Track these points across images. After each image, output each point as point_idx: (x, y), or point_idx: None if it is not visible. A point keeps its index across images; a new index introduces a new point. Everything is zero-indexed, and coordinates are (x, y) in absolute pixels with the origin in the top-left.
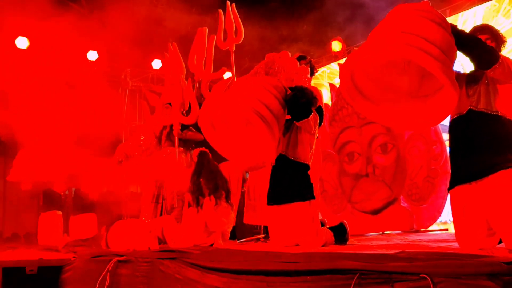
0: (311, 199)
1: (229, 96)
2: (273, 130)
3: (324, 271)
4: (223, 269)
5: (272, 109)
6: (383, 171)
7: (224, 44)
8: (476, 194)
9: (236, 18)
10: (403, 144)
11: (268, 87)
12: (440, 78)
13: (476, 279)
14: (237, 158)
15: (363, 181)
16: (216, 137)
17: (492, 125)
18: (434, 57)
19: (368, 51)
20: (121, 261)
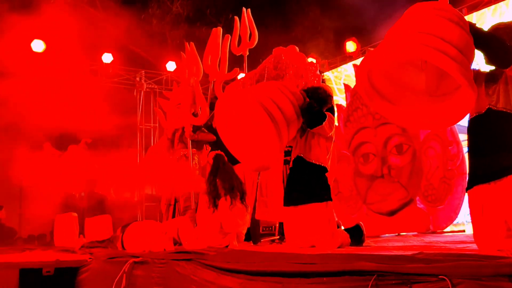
0: (328, 200)
1: (244, 93)
2: (280, 132)
3: (340, 272)
4: (238, 270)
5: (284, 112)
6: (398, 172)
7: (238, 49)
8: (495, 194)
9: (251, 24)
10: (419, 144)
11: (284, 91)
12: (457, 78)
13: (496, 281)
14: (245, 158)
15: (378, 182)
16: (228, 135)
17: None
18: (451, 57)
19: (385, 51)
20: (137, 262)
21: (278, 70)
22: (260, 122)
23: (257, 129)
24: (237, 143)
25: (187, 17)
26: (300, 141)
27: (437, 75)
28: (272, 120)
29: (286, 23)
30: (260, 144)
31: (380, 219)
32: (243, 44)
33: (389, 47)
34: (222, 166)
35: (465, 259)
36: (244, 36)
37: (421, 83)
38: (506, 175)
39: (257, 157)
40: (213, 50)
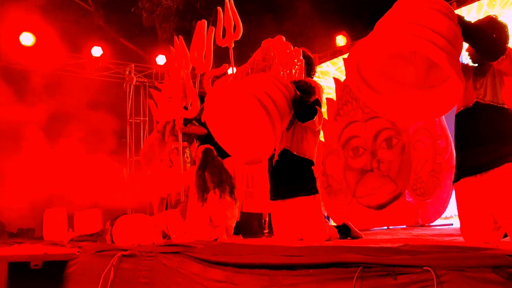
0: (315, 193)
1: (236, 86)
2: (275, 124)
3: (327, 264)
4: (225, 263)
5: (277, 104)
6: (388, 166)
7: (223, 41)
8: (481, 187)
9: (235, 15)
10: (408, 138)
11: (277, 83)
12: (446, 68)
13: (480, 272)
14: (236, 152)
15: (368, 176)
16: (219, 129)
17: (499, 118)
18: (440, 47)
19: (374, 42)
20: (125, 255)
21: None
22: (254, 115)
23: (251, 122)
24: (229, 137)
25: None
26: (287, 134)
27: (426, 67)
28: (266, 112)
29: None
30: (254, 137)
31: (369, 212)
32: (228, 36)
33: (378, 37)
34: (211, 160)
35: (449, 250)
36: (228, 28)
37: (411, 75)
38: (492, 167)
39: (251, 150)
40: (199, 43)
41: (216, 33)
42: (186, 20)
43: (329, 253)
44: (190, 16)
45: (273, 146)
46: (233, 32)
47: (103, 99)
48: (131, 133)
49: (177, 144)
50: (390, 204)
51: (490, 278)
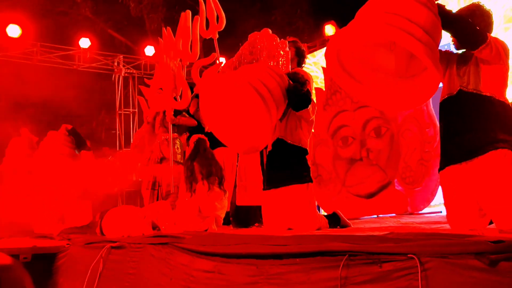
0: (309, 182)
1: (232, 75)
2: (271, 112)
3: (313, 253)
4: (213, 253)
5: (272, 93)
6: (377, 155)
7: (207, 32)
8: (466, 174)
9: (217, 6)
10: (397, 127)
11: (271, 73)
12: (422, 59)
13: (463, 258)
14: (233, 142)
15: (357, 165)
16: (214, 119)
17: (482, 106)
18: (416, 38)
19: (353, 32)
20: (114, 247)
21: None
22: (251, 103)
23: (248, 111)
24: (226, 127)
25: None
26: (281, 124)
27: (406, 56)
28: (263, 100)
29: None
30: (251, 125)
31: (359, 201)
32: (212, 27)
33: (357, 27)
34: (202, 151)
35: (433, 238)
36: (211, 19)
37: (391, 64)
38: (477, 155)
39: (248, 139)
40: (184, 34)
41: (200, 24)
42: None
43: (315, 242)
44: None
45: (271, 134)
46: (217, 23)
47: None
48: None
49: (167, 135)
50: (379, 193)
51: (473, 265)
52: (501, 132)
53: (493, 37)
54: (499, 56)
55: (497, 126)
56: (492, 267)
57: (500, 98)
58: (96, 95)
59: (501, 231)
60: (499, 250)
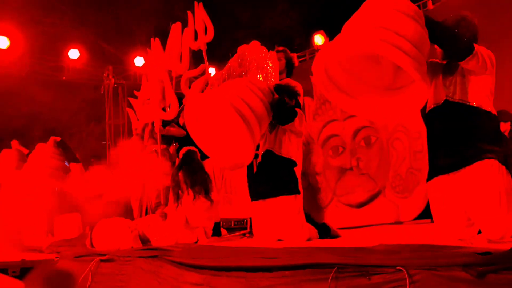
0: (297, 193)
1: (213, 94)
2: (253, 131)
3: (302, 265)
4: (203, 266)
5: (254, 110)
6: (367, 164)
7: (195, 43)
8: (454, 185)
9: (206, 17)
10: (386, 136)
11: (253, 89)
12: (410, 72)
13: (451, 270)
14: (217, 159)
15: (347, 175)
16: (199, 136)
17: (468, 116)
18: (404, 51)
19: (340, 45)
20: (103, 260)
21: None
22: (232, 123)
23: (230, 130)
24: (210, 143)
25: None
26: (270, 136)
27: (393, 69)
28: (244, 120)
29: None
30: (233, 144)
31: (349, 211)
32: (200, 38)
33: (345, 40)
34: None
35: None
36: (200, 31)
37: (378, 76)
38: (464, 165)
39: (231, 156)
40: (175, 45)
41: (188, 36)
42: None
43: (305, 254)
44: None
45: (253, 151)
46: (205, 35)
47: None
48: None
49: (156, 146)
50: (370, 202)
51: (460, 277)
52: (487, 143)
53: (479, 47)
54: (486, 67)
55: (484, 136)
56: (480, 279)
57: (487, 108)
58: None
59: (489, 241)
60: (486, 262)
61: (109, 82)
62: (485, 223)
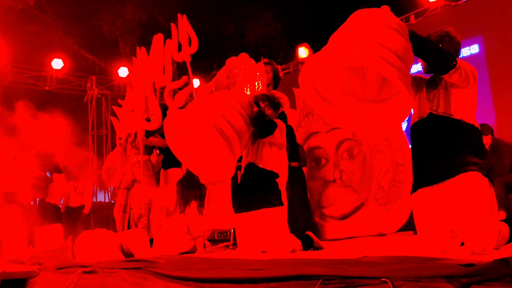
0: (280, 205)
1: (193, 110)
2: (233, 146)
3: (288, 277)
4: (187, 278)
5: (234, 126)
6: (350, 176)
7: (179, 55)
8: (438, 197)
9: (190, 29)
10: (369, 148)
11: (233, 103)
12: (396, 84)
13: (435, 282)
14: (198, 172)
15: (330, 187)
16: (179, 150)
17: (452, 129)
18: (389, 63)
19: (327, 57)
20: (86, 272)
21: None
22: (212, 141)
23: (210, 147)
24: (190, 158)
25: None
26: (252, 148)
27: (378, 81)
28: (224, 137)
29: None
30: (214, 160)
31: (333, 223)
32: (184, 50)
33: (331, 52)
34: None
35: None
36: (184, 43)
37: (363, 89)
38: (448, 177)
39: (212, 172)
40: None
41: (172, 48)
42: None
43: (290, 266)
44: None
45: (234, 167)
46: (189, 46)
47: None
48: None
49: (139, 157)
50: (353, 214)
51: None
52: (471, 155)
53: (462, 61)
54: (468, 80)
55: (467, 149)
56: None
57: (470, 121)
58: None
59: (472, 253)
60: (470, 274)
61: (93, 92)
62: (468, 235)
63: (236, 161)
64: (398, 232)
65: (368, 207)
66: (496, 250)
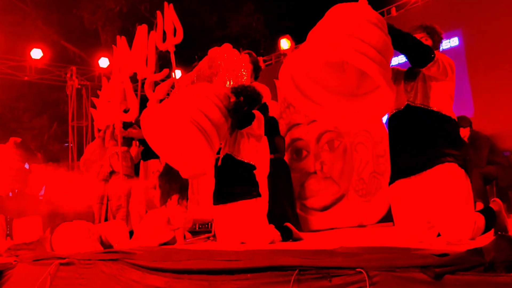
0: (257, 196)
1: (170, 104)
2: (211, 140)
3: (264, 268)
4: (164, 269)
5: (212, 119)
6: (330, 168)
7: (163, 45)
8: (415, 188)
9: (175, 19)
10: (350, 140)
11: (210, 96)
12: (376, 78)
13: (409, 272)
14: (177, 166)
15: (311, 178)
16: (157, 144)
17: (429, 121)
18: (370, 58)
19: (306, 53)
20: (62, 263)
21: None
22: (190, 135)
23: (188, 141)
24: (169, 153)
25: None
26: (230, 140)
27: (358, 75)
28: (202, 132)
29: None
30: (193, 154)
31: (313, 214)
32: (169, 40)
33: (310, 48)
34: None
35: (381, 251)
36: (169, 32)
37: (344, 83)
38: (425, 169)
39: (191, 166)
40: (140, 48)
41: (157, 37)
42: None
43: (266, 257)
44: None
45: (213, 160)
46: (174, 36)
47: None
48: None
49: (117, 148)
50: (333, 206)
51: (418, 278)
52: (448, 147)
53: (440, 54)
54: (446, 73)
55: (444, 140)
56: (437, 280)
57: (447, 113)
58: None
59: (448, 243)
60: (444, 263)
61: (73, 83)
62: (444, 226)
63: (215, 154)
64: (378, 223)
65: (349, 199)
66: (472, 240)
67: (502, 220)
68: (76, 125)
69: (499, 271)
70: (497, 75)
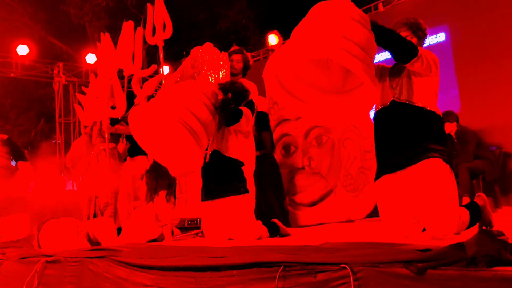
0: (245, 192)
1: (158, 104)
2: (200, 139)
3: (250, 264)
4: (151, 266)
5: (200, 118)
6: (318, 164)
7: (153, 39)
8: (400, 183)
9: (165, 14)
10: (338, 136)
11: (198, 94)
12: (360, 75)
13: (392, 267)
14: (165, 164)
15: (299, 174)
16: (145, 143)
17: (414, 116)
18: (353, 55)
19: (290, 50)
20: (49, 261)
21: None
22: (179, 135)
23: (177, 140)
24: (158, 153)
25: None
26: (218, 136)
27: (343, 72)
28: (190, 131)
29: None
30: (181, 153)
31: (302, 210)
32: (158, 35)
33: (294, 46)
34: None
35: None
36: (158, 27)
37: (328, 81)
38: (410, 164)
39: (180, 164)
40: (127, 44)
41: (146, 31)
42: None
43: (253, 253)
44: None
45: (201, 158)
46: (163, 31)
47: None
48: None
49: (105, 145)
50: (321, 201)
51: (402, 273)
52: (432, 142)
53: (424, 50)
54: (430, 68)
55: (429, 136)
56: (420, 275)
57: (431, 108)
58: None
59: (433, 238)
60: (426, 259)
61: (60, 79)
62: (429, 221)
63: (203, 152)
64: (366, 218)
65: (337, 194)
66: (457, 235)
67: (486, 214)
68: (63, 122)
69: (480, 266)
70: (483, 70)
